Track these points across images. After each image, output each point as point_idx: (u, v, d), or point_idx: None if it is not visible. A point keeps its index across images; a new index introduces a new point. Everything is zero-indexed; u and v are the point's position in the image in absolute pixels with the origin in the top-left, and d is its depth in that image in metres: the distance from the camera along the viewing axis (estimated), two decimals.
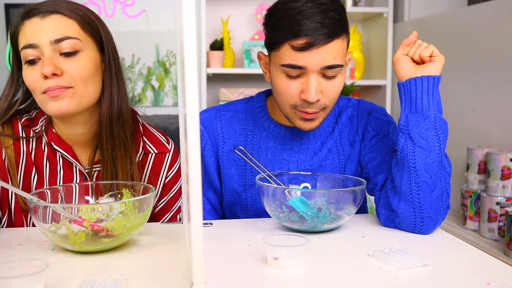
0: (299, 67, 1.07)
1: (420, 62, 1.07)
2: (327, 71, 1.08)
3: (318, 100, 1.10)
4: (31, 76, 1.06)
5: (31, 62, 1.06)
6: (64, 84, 1.05)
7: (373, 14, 3.00)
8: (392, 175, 1.09)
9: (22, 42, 1.07)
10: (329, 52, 1.07)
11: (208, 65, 2.83)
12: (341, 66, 1.09)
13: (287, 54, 1.08)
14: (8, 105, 1.14)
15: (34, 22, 1.07)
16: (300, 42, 1.05)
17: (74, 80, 1.06)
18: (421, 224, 1.05)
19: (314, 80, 1.08)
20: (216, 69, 2.81)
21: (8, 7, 3.07)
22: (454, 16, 2.30)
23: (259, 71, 2.84)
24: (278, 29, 1.08)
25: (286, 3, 1.09)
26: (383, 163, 1.17)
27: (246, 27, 3.05)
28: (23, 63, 1.08)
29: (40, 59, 1.06)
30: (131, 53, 3.15)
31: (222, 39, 2.84)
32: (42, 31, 1.05)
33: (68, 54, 1.06)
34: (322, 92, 1.10)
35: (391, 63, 3.26)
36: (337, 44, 1.08)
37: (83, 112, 1.11)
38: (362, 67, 3.01)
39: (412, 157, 1.04)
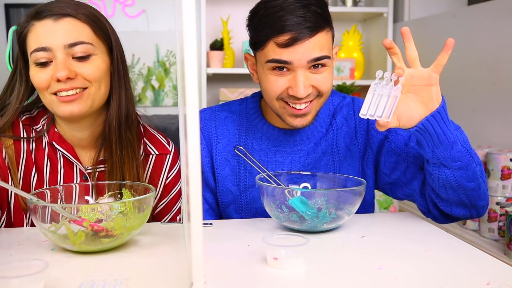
0: (285, 62, 1.07)
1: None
2: (315, 63, 1.08)
3: (307, 95, 1.10)
4: (40, 77, 1.06)
5: (42, 64, 1.06)
6: (78, 85, 1.06)
7: (373, 14, 3.00)
8: (434, 190, 1.11)
9: (32, 44, 1.06)
10: (314, 45, 1.07)
11: (208, 65, 2.83)
12: (328, 57, 1.09)
13: (272, 51, 1.08)
14: (19, 105, 1.13)
15: (46, 24, 1.06)
16: (285, 38, 1.05)
17: (88, 81, 1.07)
18: (477, 214, 1.14)
19: (302, 76, 1.08)
20: (216, 69, 2.81)
21: (8, 7, 3.07)
22: (454, 16, 2.30)
23: None
24: (262, 27, 1.09)
25: (267, 2, 1.09)
26: (410, 167, 1.17)
27: (246, 27, 3.04)
28: (31, 64, 1.07)
29: (52, 61, 1.05)
30: (131, 53, 3.14)
31: (222, 39, 2.84)
32: (55, 34, 1.05)
33: (81, 58, 1.06)
34: (314, 86, 1.10)
35: (391, 63, 3.23)
36: (321, 37, 1.08)
37: (89, 115, 1.11)
38: (362, 67, 3.01)
39: (453, 179, 1.05)
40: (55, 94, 1.06)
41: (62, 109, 1.06)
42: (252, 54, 1.20)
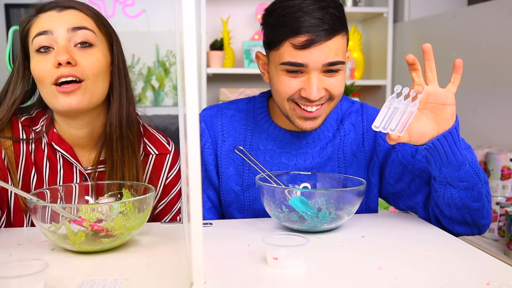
0: (300, 65, 1.06)
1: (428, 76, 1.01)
2: (329, 68, 1.07)
3: (320, 97, 1.09)
4: (42, 66, 1.06)
5: (43, 51, 1.06)
6: (77, 74, 1.05)
7: (373, 14, 3.00)
8: (438, 206, 1.11)
9: (35, 32, 1.07)
10: (330, 49, 1.06)
11: (208, 65, 2.83)
12: (342, 63, 1.09)
13: (288, 53, 1.07)
14: (13, 102, 1.14)
15: (51, 14, 1.08)
16: (301, 39, 1.05)
17: (86, 73, 1.06)
18: (478, 232, 1.14)
19: (316, 78, 1.07)
20: (216, 69, 2.81)
21: (8, 7, 3.07)
22: (454, 16, 2.30)
23: (259, 71, 2.86)
24: (278, 27, 1.08)
25: (284, 1, 1.08)
26: (415, 180, 1.17)
27: (246, 27, 3.05)
28: (32, 54, 1.08)
29: (53, 48, 1.06)
30: (131, 53, 3.14)
31: (222, 39, 2.84)
32: (58, 20, 1.07)
33: (82, 46, 1.07)
34: (327, 89, 1.09)
35: (391, 63, 3.23)
36: (337, 41, 1.07)
37: (88, 113, 1.11)
38: (362, 67, 3.01)
39: (458, 199, 1.05)
40: (56, 85, 1.05)
41: (62, 101, 1.05)
42: (264, 53, 1.19)
